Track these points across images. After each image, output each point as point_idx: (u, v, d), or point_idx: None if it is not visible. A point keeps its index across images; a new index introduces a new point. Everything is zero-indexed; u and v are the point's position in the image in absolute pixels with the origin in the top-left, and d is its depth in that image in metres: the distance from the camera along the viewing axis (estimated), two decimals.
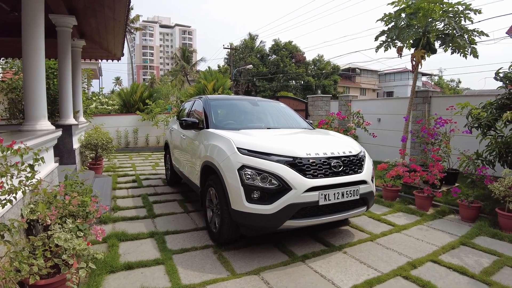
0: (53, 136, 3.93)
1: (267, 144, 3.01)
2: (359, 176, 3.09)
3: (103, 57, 8.12)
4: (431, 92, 6.73)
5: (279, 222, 2.73)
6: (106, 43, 6.97)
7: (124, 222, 3.91)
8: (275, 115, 4.50)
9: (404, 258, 3.03)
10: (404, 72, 43.44)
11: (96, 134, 6.59)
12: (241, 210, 2.74)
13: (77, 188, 3.40)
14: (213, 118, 3.95)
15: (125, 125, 11.01)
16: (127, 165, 8.20)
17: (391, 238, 3.52)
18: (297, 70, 37.15)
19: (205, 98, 4.46)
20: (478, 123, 4.20)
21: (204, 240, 3.38)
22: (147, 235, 3.46)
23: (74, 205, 2.66)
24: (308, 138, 3.61)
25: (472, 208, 4.00)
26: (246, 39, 41.07)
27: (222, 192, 2.97)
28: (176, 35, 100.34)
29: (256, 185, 2.71)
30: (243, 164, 2.78)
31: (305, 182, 2.73)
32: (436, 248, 3.26)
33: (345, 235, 3.56)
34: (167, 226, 3.76)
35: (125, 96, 11.65)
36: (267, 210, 2.67)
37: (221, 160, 2.99)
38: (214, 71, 14.17)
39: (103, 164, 7.10)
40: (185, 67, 36.82)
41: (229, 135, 3.23)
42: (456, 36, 5.27)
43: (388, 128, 7.84)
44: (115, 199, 4.98)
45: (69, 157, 5.68)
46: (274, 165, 2.74)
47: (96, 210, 2.75)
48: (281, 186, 2.68)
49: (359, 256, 3.05)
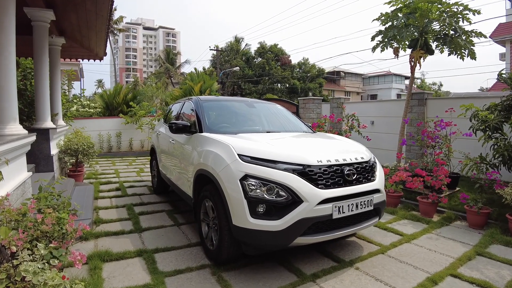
0: (25, 141, 3.48)
1: (272, 150, 2.67)
2: (372, 184, 2.81)
3: (85, 57, 7.59)
4: (427, 94, 6.62)
5: (288, 239, 2.40)
6: (87, 41, 6.49)
7: (108, 238, 3.48)
8: (273, 118, 4.19)
9: (422, 273, 2.78)
10: (388, 75, 44.29)
11: (76, 139, 6.09)
12: (245, 226, 2.40)
13: (52, 201, 2.96)
14: (207, 121, 3.59)
15: (108, 129, 10.43)
16: (110, 171, 7.69)
17: (402, 250, 3.27)
18: (282, 73, 37.12)
19: (196, 99, 4.10)
20: (485, 126, 4.04)
21: (199, 258, 3.01)
22: (135, 254, 3.05)
23: (48, 224, 2.25)
24: (314, 143, 3.29)
25: (481, 215, 3.82)
26: (231, 41, 40.80)
27: (221, 205, 2.62)
28: (159, 37, 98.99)
29: (261, 198, 2.37)
30: (246, 174, 2.44)
31: (318, 193, 2.41)
32: (452, 260, 3.03)
33: (354, 248, 3.28)
34: (157, 242, 3.36)
35: (108, 98, 11.06)
36: (275, 226, 2.33)
37: (220, 168, 2.64)
38: (201, 73, 13.77)
39: (84, 171, 6.59)
40: (169, 69, 36.04)
41: (228, 140, 2.88)
42: (456, 36, 5.14)
43: (382, 130, 7.68)
44: (97, 210, 4.52)
45: (46, 164, 5.18)
46: (282, 174, 2.41)
47: (75, 230, 2.34)
48: (290, 198, 2.35)
49: (373, 272, 2.77)
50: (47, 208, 2.62)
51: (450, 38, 5.14)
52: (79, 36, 6.24)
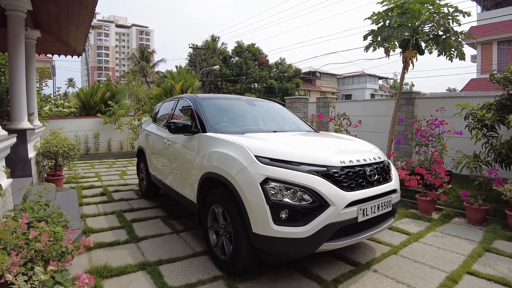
0: (5, 144, 3.11)
1: (292, 151, 2.52)
2: (390, 185, 2.75)
3: (61, 52, 7.03)
4: (415, 94, 6.77)
5: (314, 246, 2.27)
6: (65, 35, 6.01)
7: (102, 250, 3.15)
8: (276, 117, 4.04)
9: (440, 273, 2.76)
10: (362, 75, 45.60)
11: (55, 140, 5.62)
12: (267, 234, 2.21)
13: (40, 212, 2.62)
14: (210, 120, 3.38)
15: (85, 129, 9.83)
16: (90, 174, 7.21)
17: (413, 249, 3.26)
18: (260, 73, 37.12)
19: (193, 96, 3.88)
20: (481, 124, 4.15)
21: (208, 269, 2.78)
22: (137, 267, 2.77)
23: (43, 241, 1.94)
24: (329, 143, 3.15)
25: (481, 211, 3.91)
26: (208, 40, 40.21)
27: (237, 211, 2.43)
28: (133, 35, 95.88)
29: (285, 203, 2.20)
30: (266, 177, 2.26)
31: (345, 196, 2.30)
32: (464, 258, 3.05)
33: (366, 250, 3.22)
34: (158, 253, 3.08)
35: (84, 97, 10.41)
36: (301, 233, 2.17)
37: (235, 172, 2.44)
38: (182, 70, 13.35)
39: (63, 175, 6.11)
40: (144, 68, 34.89)
41: (240, 140, 2.70)
42: (447, 37, 5.26)
43: (370, 130, 7.78)
44: (84, 218, 4.15)
45: (24, 168, 4.72)
46: (306, 176, 2.26)
47: (77, 247, 2.05)
48: (317, 202, 2.21)
49: (392, 274, 2.71)
50: (37, 221, 2.31)
51: (442, 39, 5.25)
52: (57, 29, 5.77)
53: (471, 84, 15.57)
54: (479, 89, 14.30)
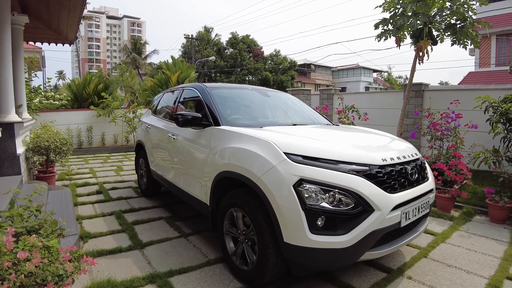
0: None
1: (326, 147, 2.22)
2: (429, 184, 2.50)
3: (51, 40, 6.55)
4: (424, 86, 6.55)
5: (356, 256, 2.00)
6: (56, 21, 5.56)
7: (103, 258, 2.79)
8: (291, 108, 3.73)
9: (478, 278, 2.54)
10: (357, 68, 45.47)
11: (46, 134, 5.22)
12: (302, 245, 1.92)
13: (30, 219, 2.24)
14: (223, 112, 3.05)
15: (78, 123, 9.37)
16: (84, 170, 6.82)
17: (442, 251, 3.04)
18: (255, 65, 36.61)
19: (201, 86, 3.54)
20: (505, 118, 3.93)
21: (227, 280, 2.48)
22: (145, 281, 2.43)
23: (35, 263, 1.59)
24: (361, 138, 2.83)
25: (506, 209, 3.72)
26: (201, 31, 39.40)
27: (264, 218, 2.14)
28: (124, 27, 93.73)
29: (324, 208, 1.90)
30: (301, 178, 1.95)
31: (390, 199, 2.03)
32: (498, 261, 2.84)
33: (394, 253, 2.97)
34: (167, 262, 2.76)
35: (76, 88, 9.89)
36: (342, 242, 1.88)
37: (261, 171, 2.13)
38: (178, 61, 12.85)
39: (55, 172, 5.73)
40: (136, 59, 33.98)
41: (263, 135, 2.38)
42: (465, 26, 5.02)
43: (376, 123, 7.54)
44: (81, 220, 3.76)
45: (12, 165, 4.33)
46: (347, 177, 1.96)
47: (77, 268, 1.70)
48: (360, 207, 1.93)
49: (429, 281, 2.48)
50: (26, 232, 1.94)
51: (459, 28, 5.00)
52: (47, 14, 5.32)
53: (469, 77, 15.51)
54: (477, 82, 14.23)
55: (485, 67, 14.93)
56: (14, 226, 1.99)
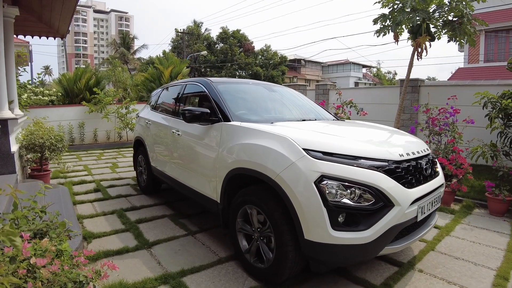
0: None
1: (345, 143, 2.22)
2: (440, 178, 2.54)
3: (42, 34, 6.32)
4: (420, 81, 6.63)
5: (376, 251, 2.01)
6: (48, 14, 5.36)
7: (110, 259, 2.70)
8: (298, 104, 3.70)
9: (486, 270, 2.60)
10: (346, 64, 45.79)
11: (40, 131, 5.06)
12: (325, 241, 1.92)
13: (36, 221, 2.14)
14: (231, 108, 3.00)
15: (69, 119, 9.13)
16: (78, 168, 6.66)
17: (448, 244, 3.10)
18: (246, 60, 36.43)
19: (206, 80, 3.46)
20: (504, 113, 4.02)
21: (241, 278, 2.45)
22: (158, 281, 2.37)
23: (53, 270, 1.44)
24: (374, 133, 2.84)
25: (505, 202, 3.81)
26: (191, 26, 38.86)
27: (283, 215, 2.12)
28: (111, 21, 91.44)
29: (345, 204, 1.90)
30: (322, 174, 1.93)
31: (409, 194, 2.05)
32: (503, 252, 2.92)
33: None
34: (177, 261, 2.70)
35: (67, 83, 9.61)
36: (363, 238, 1.89)
37: (280, 168, 2.10)
38: (171, 55, 12.65)
39: (50, 169, 5.57)
40: (125, 54, 33.29)
41: (279, 130, 2.35)
42: (462, 23, 5.08)
43: (372, 118, 7.60)
44: (81, 219, 3.65)
45: (6, 164, 4.18)
46: (367, 173, 1.96)
47: (98, 273, 1.63)
48: (381, 203, 1.94)
49: (440, 274, 2.53)
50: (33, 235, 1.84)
51: (458, 25, 5.07)
52: (39, 6, 5.12)
53: (458, 73, 15.82)
54: (467, 78, 14.52)
55: (474, 63, 15.23)
56: (21, 230, 1.91)
